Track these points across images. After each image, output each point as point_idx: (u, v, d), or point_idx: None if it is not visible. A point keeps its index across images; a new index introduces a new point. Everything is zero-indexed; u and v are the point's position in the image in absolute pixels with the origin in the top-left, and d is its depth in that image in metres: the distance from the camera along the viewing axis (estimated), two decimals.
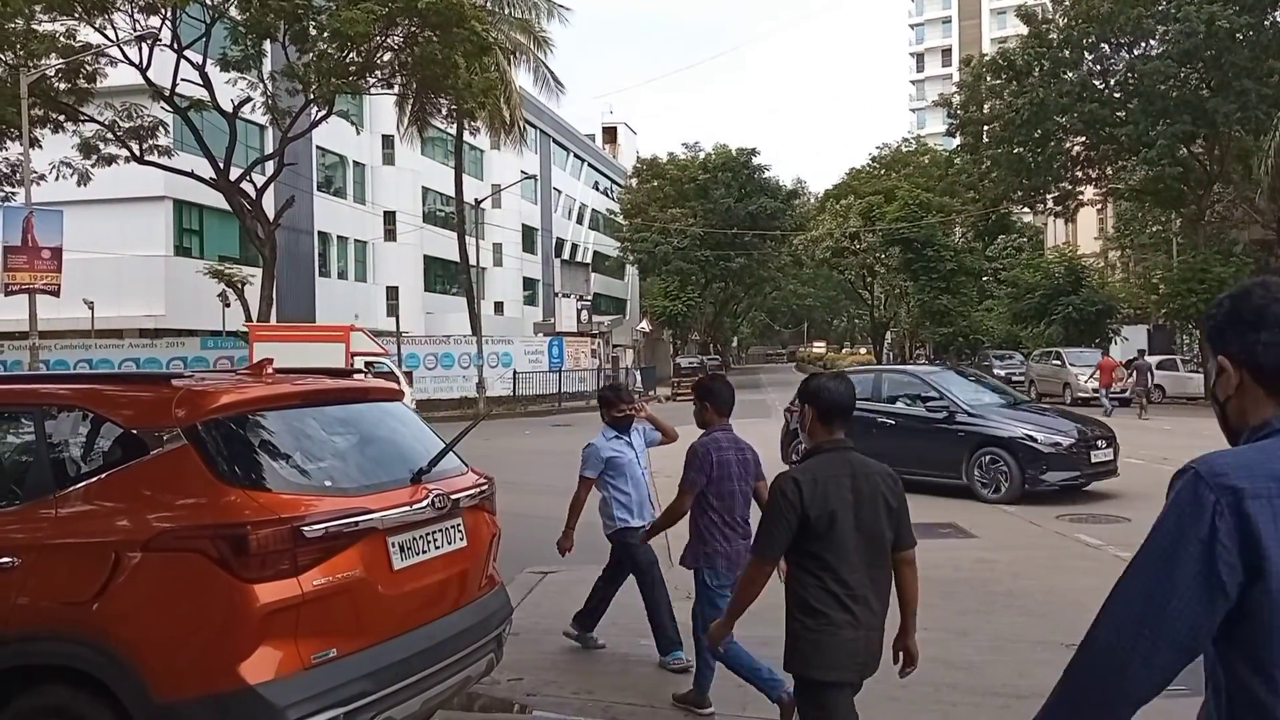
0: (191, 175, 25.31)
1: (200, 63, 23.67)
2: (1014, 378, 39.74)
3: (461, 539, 4.33)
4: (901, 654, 3.67)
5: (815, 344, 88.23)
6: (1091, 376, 30.23)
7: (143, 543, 3.49)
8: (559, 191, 68.35)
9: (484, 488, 4.65)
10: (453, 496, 4.26)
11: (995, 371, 41.39)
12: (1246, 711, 1.69)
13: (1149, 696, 1.68)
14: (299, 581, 3.49)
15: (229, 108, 24.45)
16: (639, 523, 6.08)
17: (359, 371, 4.92)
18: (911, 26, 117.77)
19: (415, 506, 4.02)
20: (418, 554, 4.02)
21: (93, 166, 25.00)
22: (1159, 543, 1.69)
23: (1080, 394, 30.74)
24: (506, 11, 36.11)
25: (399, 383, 27.98)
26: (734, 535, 5.10)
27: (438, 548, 4.15)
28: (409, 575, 3.94)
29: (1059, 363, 33.33)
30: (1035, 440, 12.21)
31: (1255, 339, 1.73)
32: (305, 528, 3.53)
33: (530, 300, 61.63)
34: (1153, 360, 34.55)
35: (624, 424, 6.34)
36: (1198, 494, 1.63)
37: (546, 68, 38.31)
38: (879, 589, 3.49)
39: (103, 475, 3.74)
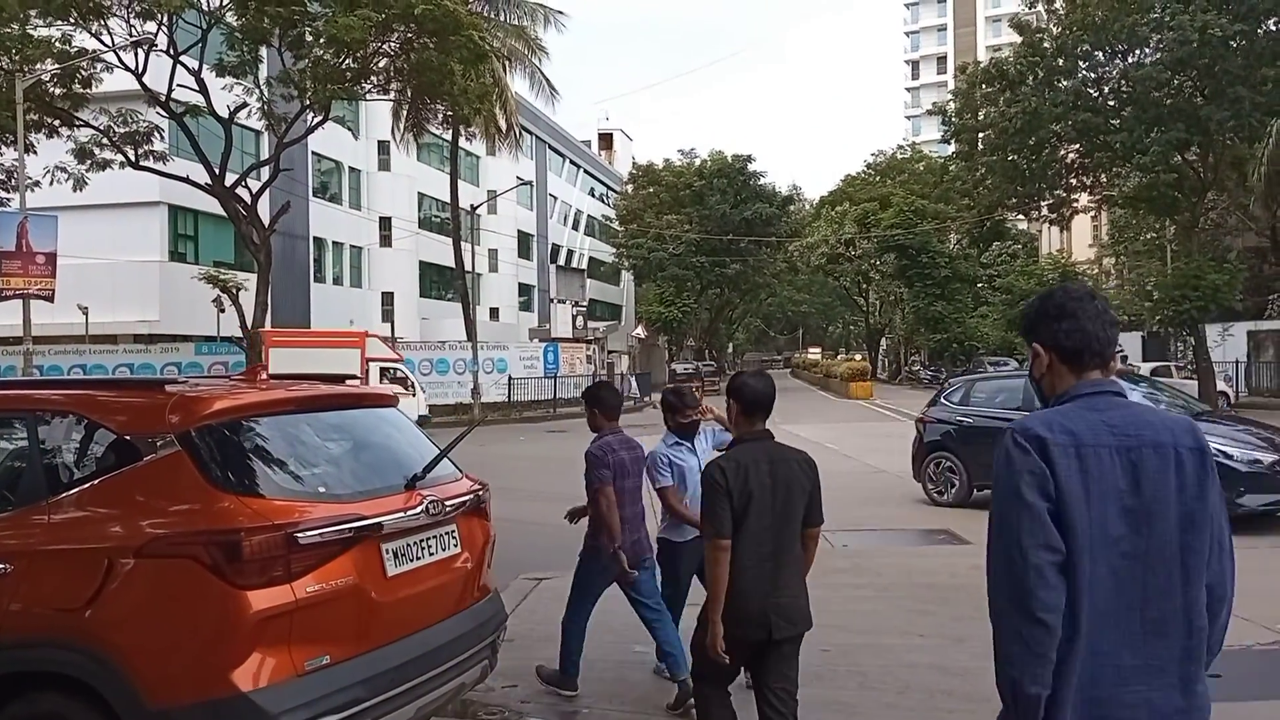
0: (187, 181, 25.26)
1: (196, 68, 23.64)
2: None
3: (456, 545, 4.32)
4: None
5: (810, 350, 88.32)
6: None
7: (136, 549, 3.48)
8: (555, 198, 68.43)
9: (478, 494, 4.64)
10: (447, 503, 4.25)
11: None
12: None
13: (1058, 602, 2.16)
14: (292, 588, 3.48)
15: (225, 113, 24.42)
16: (681, 538, 5.68)
17: (354, 377, 4.90)
18: (907, 34, 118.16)
19: (409, 513, 4.01)
20: (412, 560, 4.01)
21: (88, 172, 24.93)
22: (1004, 485, 2.24)
23: None
24: (502, 18, 36.17)
25: (415, 389, 28.25)
26: (630, 528, 5.60)
27: (432, 554, 4.14)
28: (403, 582, 3.93)
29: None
30: (1231, 458, 10.14)
31: (1058, 328, 2.37)
32: (299, 534, 3.53)
33: (526, 306, 61.66)
34: (1147, 367, 34.69)
35: (689, 430, 5.77)
36: (1017, 444, 2.23)
37: (542, 74, 38.42)
38: (790, 559, 4.02)
39: (96, 481, 3.73)
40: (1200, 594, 2.37)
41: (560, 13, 37.67)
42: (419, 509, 4.05)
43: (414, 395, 27.90)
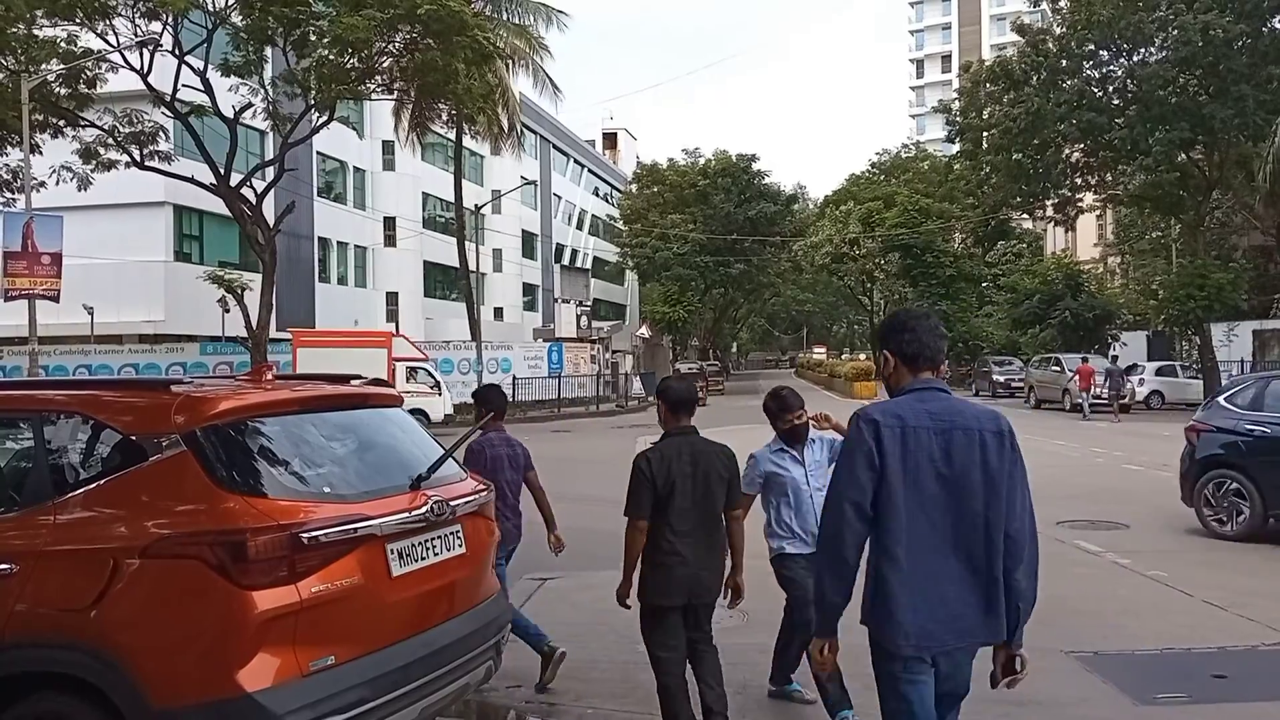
0: (192, 181, 25.30)
1: (201, 68, 23.66)
2: (1013, 383, 39.80)
3: (460, 545, 4.32)
4: (731, 589, 5.02)
5: (815, 349, 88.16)
6: (1070, 381, 31.27)
7: (141, 549, 3.48)
8: (559, 197, 68.42)
9: (483, 494, 4.65)
10: (452, 503, 4.25)
11: (995, 377, 41.51)
12: (874, 583, 3.08)
13: (858, 540, 3.05)
14: (297, 588, 3.49)
15: (230, 113, 24.44)
16: (795, 550, 5.37)
17: (357, 377, 4.91)
18: (912, 33, 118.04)
19: (414, 513, 4.01)
20: (416, 561, 4.01)
21: (93, 171, 24.98)
22: (844, 455, 3.15)
23: (1078, 400, 30.76)
24: (505, 17, 36.16)
25: (440, 388, 28.64)
26: (505, 520, 5.84)
27: (436, 554, 4.14)
28: (407, 582, 3.94)
29: (1058, 368, 33.36)
30: None
31: (901, 338, 3.25)
32: (304, 534, 3.53)
33: (530, 306, 61.68)
34: (1152, 366, 34.67)
35: (795, 436, 5.44)
36: (858, 425, 3.12)
37: (545, 74, 38.38)
38: (711, 539, 4.73)
39: (102, 481, 3.74)
40: (999, 540, 3.08)
41: (562, 12, 37.64)
42: (424, 509, 4.05)
43: (440, 395, 28.34)
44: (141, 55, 23.38)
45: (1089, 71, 33.10)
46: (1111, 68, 32.75)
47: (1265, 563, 8.98)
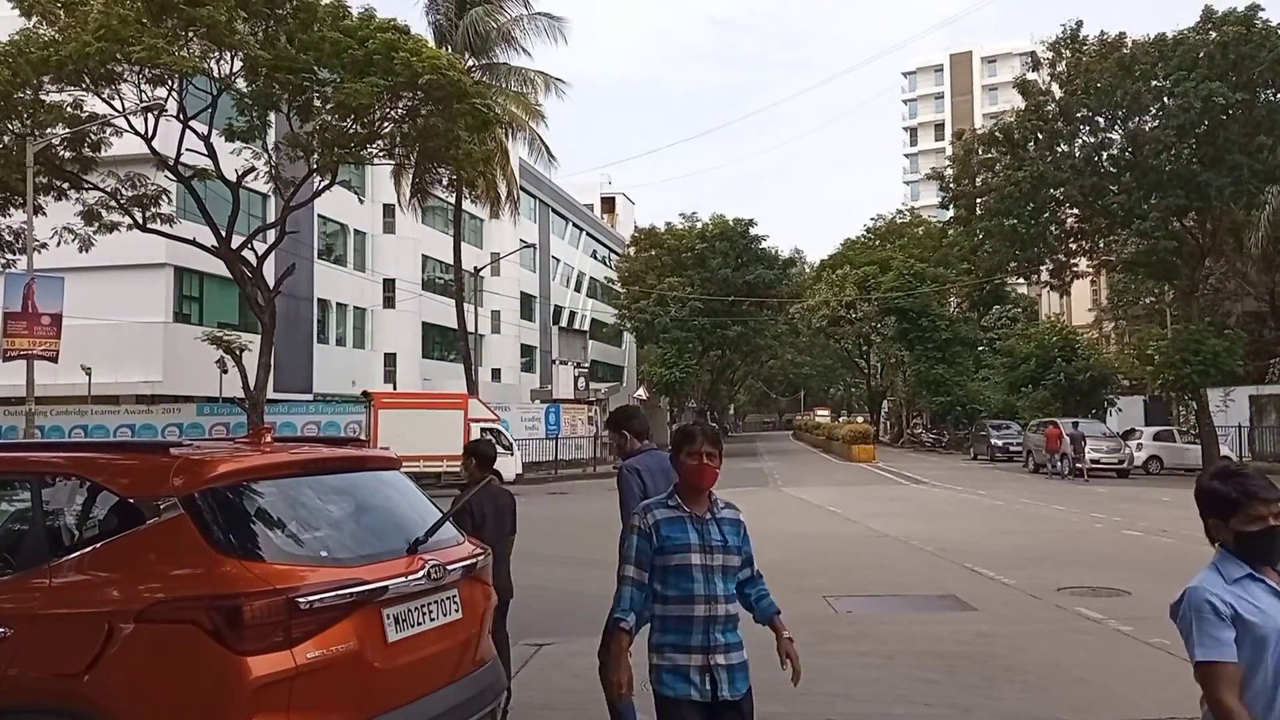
0: (193, 243, 25.51)
1: (205, 133, 24.01)
2: (1011, 447, 39.73)
3: (457, 611, 4.29)
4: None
5: (818, 411, 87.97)
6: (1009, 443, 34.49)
7: (136, 613, 3.46)
8: (557, 260, 68.92)
9: (480, 558, 4.62)
10: (449, 567, 4.22)
11: (993, 441, 41.43)
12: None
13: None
14: (293, 654, 3.45)
15: (233, 177, 24.74)
16: None
17: (357, 440, 4.91)
18: (905, 102, 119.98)
19: (411, 578, 3.99)
20: (413, 626, 3.98)
21: (95, 233, 25.20)
22: (625, 494, 4.97)
23: (1078, 464, 30.69)
24: (504, 85, 36.79)
25: (511, 448, 29.57)
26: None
27: (433, 620, 4.11)
28: (403, 648, 3.90)
29: (1077, 434, 33.25)
30: None
31: (632, 424, 5.41)
32: (300, 599, 3.50)
33: (528, 367, 61.74)
34: (1149, 431, 34.69)
35: (1261, 549, 3.04)
36: (624, 472, 5.08)
37: (542, 141, 38.94)
38: None
39: (98, 545, 3.72)
40: None
41: (561, 80, 38.32)
42: (421, 574, 4.03)
43: (511, 454, 29.01)
44: (146, 120, 23.72)
45: (1085, 138, 33.61)
46: (1109, 135, 33.26)
47: None
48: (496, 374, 54.70)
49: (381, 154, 26.68)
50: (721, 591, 3.65)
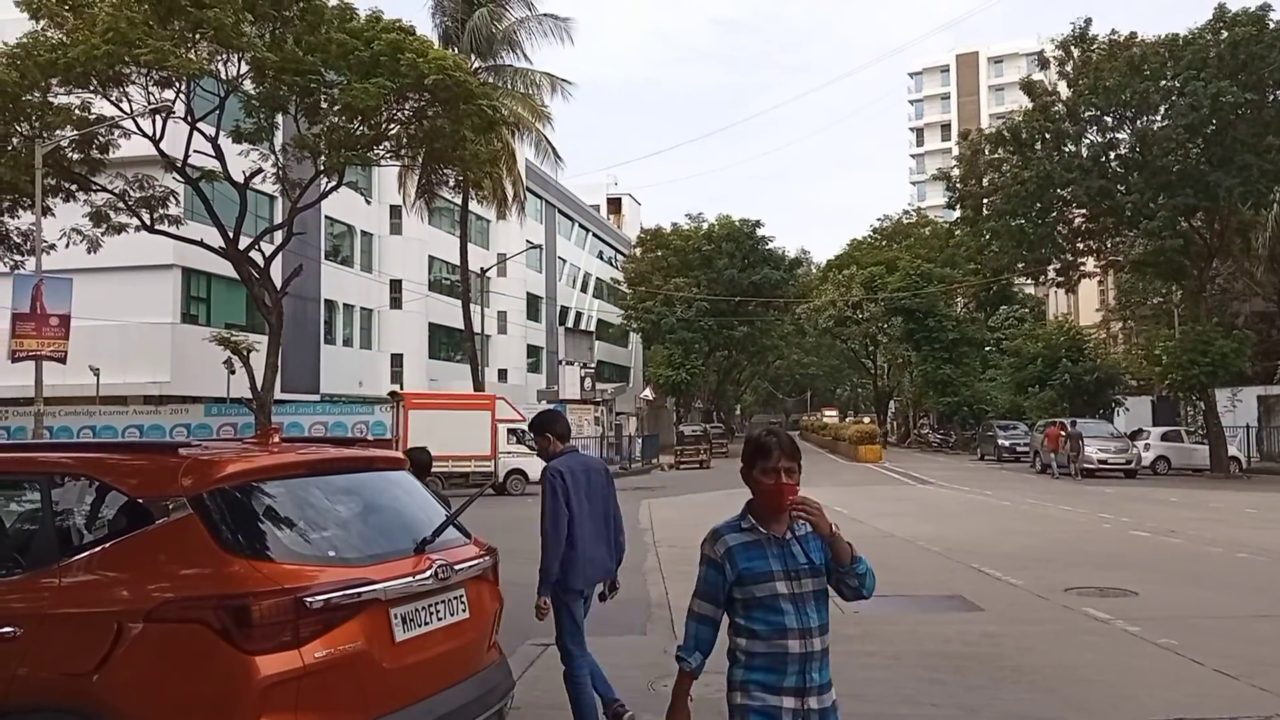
0: (201, 244, 25.58)
1: (213, 134, 24.08)
2: (1019, 448, 39.65)
3: (464, 610, 4.30)
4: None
5: (826, 412, 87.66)
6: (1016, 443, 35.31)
7: (146, 613, 3.47)
8: (564, 260, 68.95)
9: (487, 558, 4.63)
10: (456, 567, 4.23)
11: (1000, 442, 41.36)
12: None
13: (563, 534, 5.57)
14: (301, 653, 3.47)
15: (240, 178, 24.81)
16: None
17: (361, 441, 4.92)
18: (911, 102, 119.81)
19: (418, 577, 4.00)
20: (420, 626, 3.99)
21: (103, 235, 25.29)
22: (548, 491, 5.63)
23: (1085, 464, 30.62)
24: (510, 86, 36.82)
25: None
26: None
27: (440, 619, 4.12)
28: (411, 647, 3.91)
29: (1076, 433, 33.24)
30: None
31: (554, 427, 5.90)
32: (308, 599, 3.52)
33: (534, 368, 61.77)
34: (1157, 431, 34.60)
35: None
36: (549, 473, 5.70)
37: (548, 141, 38.96)
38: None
39: (107, 545, 3.73)
40: (613, 526, 5.91)
41: (567, 81, 38.33)
42: (428, 574, 4.04)
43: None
44: (154, 122, 23.78)
45: (1093, 137, 33.54)
46: (1116, 134, 33.19)
47: (1278, 630, 8.87)
48: (503, 374, 54.75)
49: (388, 155, 26.73)
50: (815, 623, 3.24)
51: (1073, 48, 33.16)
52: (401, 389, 37.42)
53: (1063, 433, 31.65)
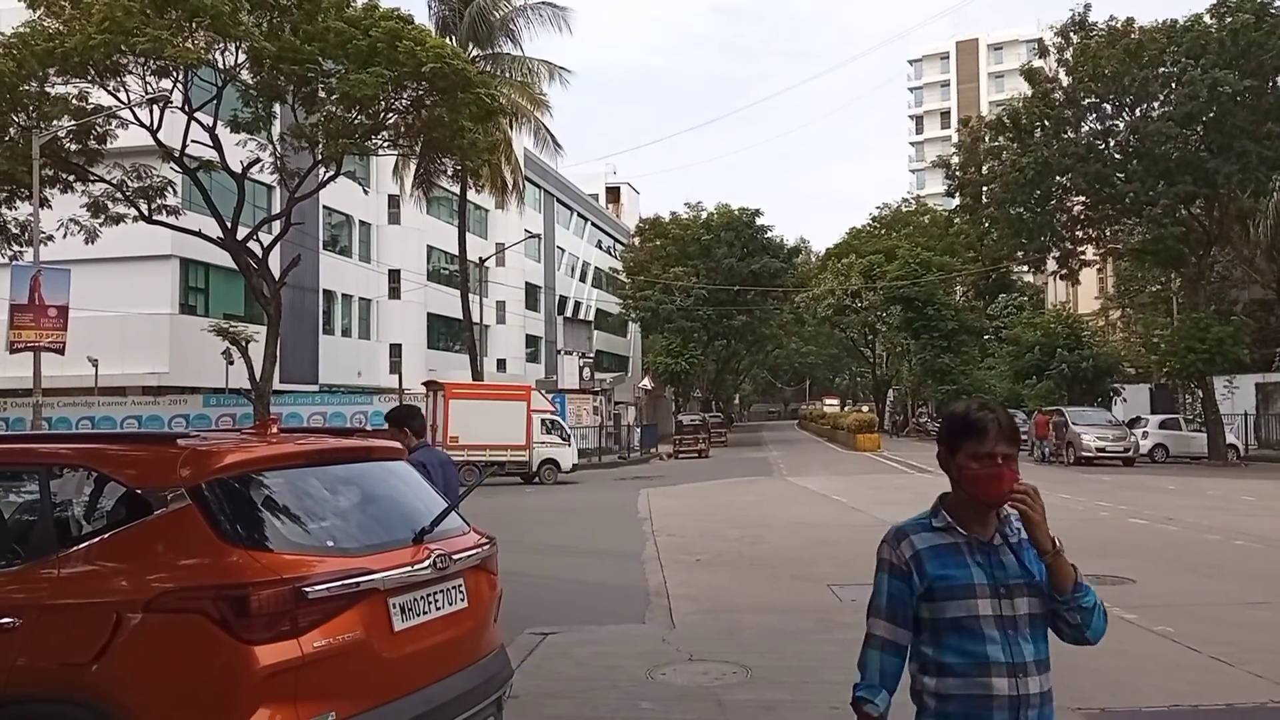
0: (199, 234, 25.55)
1: (211, 124, 24.02)
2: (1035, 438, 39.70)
3: (463, 600, 4.31)
4: None
5: (827, 400, 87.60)
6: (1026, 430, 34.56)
7: (144, 604, 3.48)
8: (562, 250, 68.87)
9: (486, 548, 4.63)
10: (454, 557, 4.24)
11: None
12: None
13: None
14: (299, 643, 3.47)
15: (238, 168, 24.75)
16: None
17: (360, 431, 4.92)
18: (911, 89, 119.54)
19: (417, 567, 4.00)
20: (419, 615, 4.00)
21: (101, 225, 25.25)
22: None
23: (1084, 453, 30.68)
24: (508, 74, 36.72)
25: (569, 440, 30.78)
26: None
27: (439, 609, 4.13)
28: (409, 637, 3.92)
29: (1062, 421, 33.32)
30: None
31: (410, 423, 6.36)
32: (307, 588, 3.53)
33: (533, 357, 61.78)
34: (1155, 419, 34.69)
35: None
36: (412, 464, 4.95)
37: (547, 130, 38.91)
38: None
39: (106, 535, 3.74)
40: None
41: (565, 69, 38.24)
42: (426, 563, 4.05)
43: (569, 445, 30.30)
44: (151, 112, 23.72)
45: (1092, 124, 33.50)
46: (1115, 122, 33.16)
47: (1274, 617, 8.90)
48: (502, 364, 54.76)
49: (386, 144, 26.67)
50: (1031, 656, 2.50)
51: (1072, 34, 33.08)
52: (401, 380, 37.48)
53: (1050, 420, 32.79)
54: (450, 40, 31.44)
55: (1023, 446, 24.24)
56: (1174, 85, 30.26)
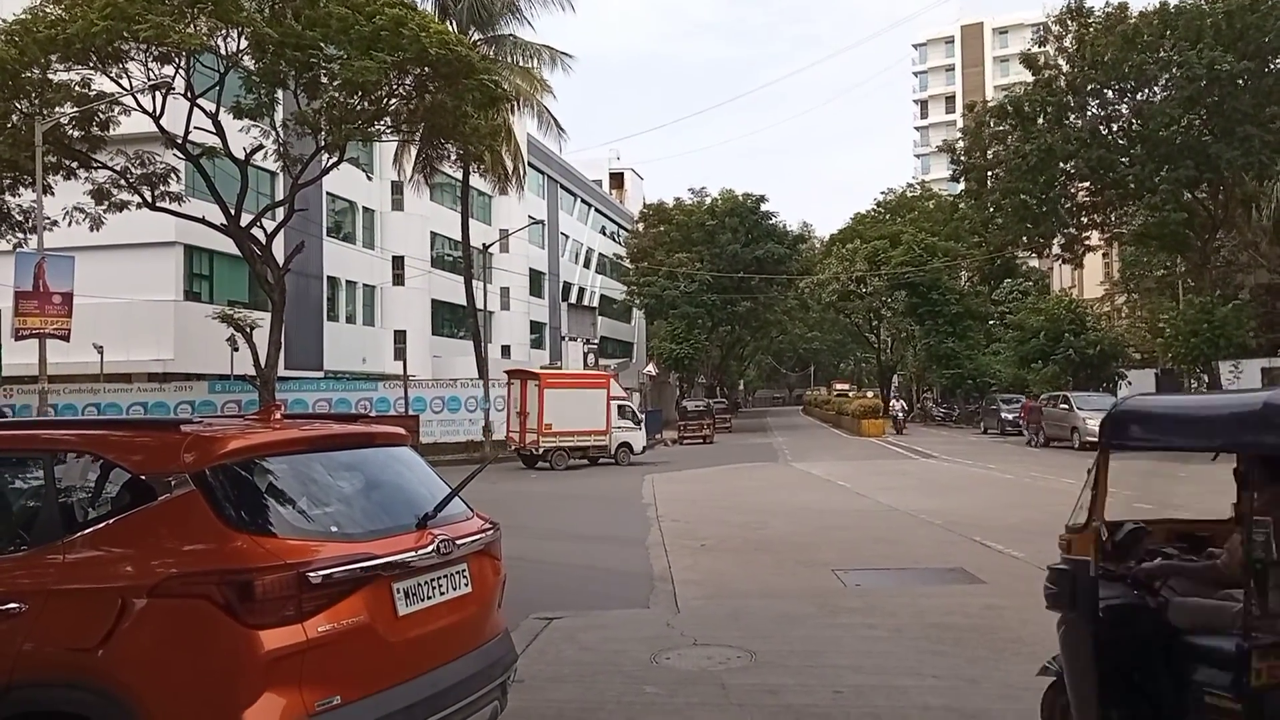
0: (203, 221, 25.54)
1: (213, 110, 23.98)
2: (1021, 421, 39.66)
3: (466, 585, 4.32)
4: None
5: (837, 385, 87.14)
6: (1017, 416, 37.43)
7: (149, 588, 3.49)
8: (566, 236, 68.80)
9: (489, 533, 4.64)
10: (458, 542, 4.25)
11: (1003, 415, 41.36)
12: None
13: None
14: (304, 628, 3.49)
15: (241, 155, 24.73)
16: None
17: (364, 416, 4.93)
18: (915, 74, 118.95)
19: (420, 552, 4.01)
20: (422, 600, 4.01)
21: (105, 212, 25.25)
22: None
23: (1089, 439, 30.62)
24: (510, 60, 36.58)
25: (641, 424, 31.82)
26: None
27: (442, 594, 4.14)
28: (413, 621, 3.93)
29: (1067, 406, 33.23)
30: None
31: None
32: (311, 573, 3.54)
33: (537, 344, 61.78)
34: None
35: None
36: None
37: (550, 115, 38.78)
38: None
39: (110, 521, 3.75)
40: None
41: (567, 54, 38.07)
42: (430, 548, 4.06)
43: (640, 429, 31.53)
44: (154, 98, 23.69)
45: (1094, 110, 33.38)
46: (1117, 107, 33.04)
47: None
48: (506, 350, 54.77)
49: (389, 130, 26.62)
50: None
51: (1069, 21, 32.95)
52: (405, 366, 37.47)
53: (1029, 405, 35.29)
54: (451, 25, 31.33)
55: (1018, 432, 24.48)
56: (1173, 70, 30.11)
